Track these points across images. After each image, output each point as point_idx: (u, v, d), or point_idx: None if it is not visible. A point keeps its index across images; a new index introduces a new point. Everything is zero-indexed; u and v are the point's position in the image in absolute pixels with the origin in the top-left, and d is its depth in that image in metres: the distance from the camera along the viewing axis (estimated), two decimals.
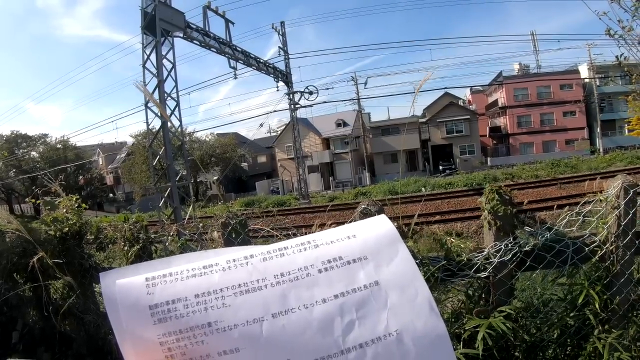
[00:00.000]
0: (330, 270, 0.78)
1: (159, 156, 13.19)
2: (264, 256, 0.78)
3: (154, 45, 13.15)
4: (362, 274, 0.79)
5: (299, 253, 0.80)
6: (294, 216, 25.06)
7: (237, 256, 0.77)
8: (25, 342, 3.42)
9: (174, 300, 0.70)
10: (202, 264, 0.75)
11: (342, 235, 0.84)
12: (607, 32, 5.43)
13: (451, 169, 45.51)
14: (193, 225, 3.18)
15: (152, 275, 0.73)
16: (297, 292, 0.74)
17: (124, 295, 0.70)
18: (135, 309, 0.68)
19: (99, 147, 66.65)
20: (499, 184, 2.63)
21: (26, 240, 3.27)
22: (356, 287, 0.77)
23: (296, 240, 0.83)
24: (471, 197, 23.23)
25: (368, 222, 0.91)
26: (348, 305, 0.75)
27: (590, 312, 2.34)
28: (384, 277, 0.80)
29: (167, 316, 0.68)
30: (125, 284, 0.71)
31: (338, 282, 0.77)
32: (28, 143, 55.16)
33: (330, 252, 0.81)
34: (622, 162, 30.72)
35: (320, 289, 0.75)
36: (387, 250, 0.84)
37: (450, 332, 2.42)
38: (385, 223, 0.91)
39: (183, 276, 0.73)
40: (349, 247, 0.82)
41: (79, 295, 3.19)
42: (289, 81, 29.35)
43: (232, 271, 0.75)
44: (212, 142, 51.15)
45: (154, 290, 0.71)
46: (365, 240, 0.84)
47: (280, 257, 0.78)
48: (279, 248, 0.80)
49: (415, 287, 0.80)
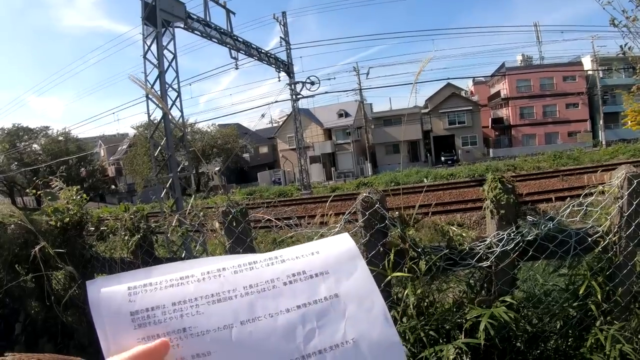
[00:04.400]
0: (294, 283, 0.87)
1: (160, 147, 13.17)
2: (235, 269, 0.87)
3: (155, 36, 13.08)
4: (323, 287, 0.88)
5: (267, 267, 0.89)
6: (295, 206, 25.10)
7: (211, 269, 0.86)
8: (27, 334, 3.44)
9: (153, 308, 0.78)
10: (179, 275, 0.84)
11: (307, 252, 0.94)
12: (611, 22, 5.39)
13: (453, 160, 45.50)
14: (194, 215, 3.17)
15: (134, 285, 0.81)
16: (264, 303, 0.83)
17: (107, 302, 0.77)
18: (118, 315, 0.76)
19: (101, 139, 66.67)
20: (502, 175, 2.62)
21: (27, 232, 3.27)
22: (317, 299, 0.86)
23: (265, 255, 0.92)
24: (473, 188, 23.21)
25: (331, 239, 1.00)
26: (309, 315, 0.84)
27: (593, 303, 2.33)
28: (343, 290, 0.89)
29: (147, 322, 0.76)
30: (109, 292, 0.79)
31: (301, 294, 0.86)
32: (30, 136, 55.09)
33: (295, 266, 0.90)
34: (625, 154, 30.63)
35: (285, 299, 0.84)
36: (347, 266, 0.93)
37: (451, 321, 2.43)
38: (347, 241, 0.98)
39: (162, 286, 0.82)
40: (312, 263, 0.91)
41: (81, 286, 3.19)
42: (290, 72, 29.26)
43: (206, 282, 0.83)
44: (214, 133, 51.07)
45: (135, 298, 0.78)
46: (327, 257, 0.93)
47: (249, 271, 0.87)
48: (249, 262, 0.89)
49: (371, 299, 0.89)
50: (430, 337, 2.34)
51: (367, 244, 2.50)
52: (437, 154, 49.31)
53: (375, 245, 2.48)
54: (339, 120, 52.03)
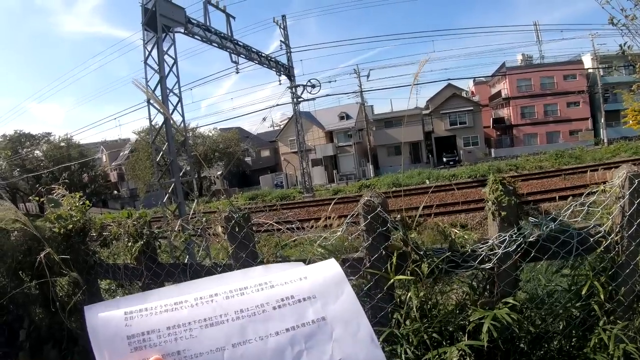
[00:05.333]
0: (283, 307, 0.92)
1: (162, 152, 13.19)
2: (226, 295, 0.92)
3: (155, 42, 13.12)
4: (311, 311, 0.93)
5: (257, 292, 0.93)
6: (298, 210, 25.12)
7: (204, 294, 0.91)
8: (32, 340, 3.45)
9: (149, 332, 0.82)
10: (174, 300, 0.89)
11: (295, 277, 0.98)
12: (610, 21, 5.39)
13: (455, 160, 45.47)
14: (197, 220, 3.18)
15: (130, 310, 0.86)
16: (254, 326, 0.87)
17: (105, 326, 0.82)
18: (115, 338, 0.80)
19: (102, 145, 66.76)
20: (503, 175, 2.62)
21: (31, 238, 3.29)
22: (305, 322, 0.91)
23: (255, 280, 0.97)
24: (475, 188, 23.21)
25: (318, 265, 1.05)
26: (298, 337, 0.88)
27: (596, 303, 2.33)
28: (330, 313, 0.93)
29: (143, 345, 0.80)
30: (107, 317, 0.84)
31: (290, 318, 0.90)
32: (31, 142, 55.17)
33: (284, 291, 0.94)
34: (627, 152, 30.61)
35: (274, 323, 0.89)
36: (333, 290, 0.98)
37: (454, 323, 2.43)
38: (334, 266, 1.03)
39: (157, 311, 0.86)
40: (300, 287, 0.96)
41: (85, 292, 3.20)
42: (291, 75, 29.31)
43: (199, 307, 0.88)
44: (216, 137, 51.19)
45: (131, 322, 0.83)
46: (314, 281, 0.98)
47: (240, 296, 0.92)
48: (239, 288, 0.94)
49: (358, 322, 0.94)
50: (434, 340, 2.34)
51: (369, 248, 2.50)
52: (438, 154, 49.30)
53: (377, 248, 2.48)
54: (341, 122, 52.04)
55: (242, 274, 1.02)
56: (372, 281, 2.49)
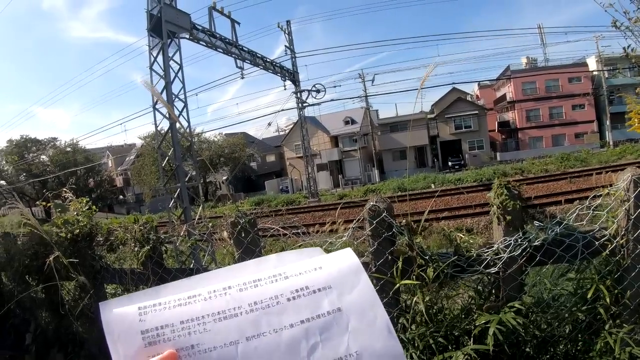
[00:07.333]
0: (298, 298, 0.89)
1: (167, 157, 13.24)
2: (240, 287, 0.90)
3: (161, 47, 13.19)
4: (326, 302, 0.90)
5: (271, 284, 0.91)
6: (303, 214, 25.12)
7: (217, 287, 0.89)
8: (38, 344, 3.46)
9: (163, 326, 0.82)
10: (187, 294, 0.88)
11: (310, 268, 0.95)
12: (613, 23, 5.38)
13: (460, 164, 45.36)
14: (203, 226, 3.20)
15: (144, 305, 0.85)
16: (268, 319, 0.85)
17: (119, 321, 0.82)
18: (129, 334, 0.80)
19: (108, 150, 67.07)
20: (508, 179, 2.62)
21: (38, 243, 3.31)
22: (320, 313, 0.88)
23: (269, 272, 0.94)
24: (481, 192, 23.12)
25: (334, 255, 1.02)
26: (313, 329, 0.86)
27: (601, 306, 2.32)
28: (346, 304, 0.90)
29: (157, 340, 0.80)
30: (121, 312, 0.84)
31: (305, 309, 0.88)
32: (38, 147, 55.54)
33: (298, 282, 0.92)
34: (633, 154, 30.47)
35: (289, 315, 0.86)
36: (349, 280, 0.94)
37: (460, 328, 2.43)
38: (350, 256, 1.00)
39: (170, 305, 0.86)
40: (315, 278, 0.93)
41: (91, 296, 3.22)
42: (296, 80, 29.39)
43: (212, 300, 0.87)
44: (221, 142, 51.30)
45: (145, 317, 0.83)
46: (330, 272, 0.95)
47: (254, 288, 0.90)
48: (254, 280, 0.91)
49: (374, 312, 0.90)
50: (439, 344, 2.34)
51: (375, 253, 2.51)
52: (444, 159, 49.18)
53: (383, 253, 2.49)
54: (346, 127, 52.07)
55: (255, 264, 1.01)
56: (378, 286, 2.49)
